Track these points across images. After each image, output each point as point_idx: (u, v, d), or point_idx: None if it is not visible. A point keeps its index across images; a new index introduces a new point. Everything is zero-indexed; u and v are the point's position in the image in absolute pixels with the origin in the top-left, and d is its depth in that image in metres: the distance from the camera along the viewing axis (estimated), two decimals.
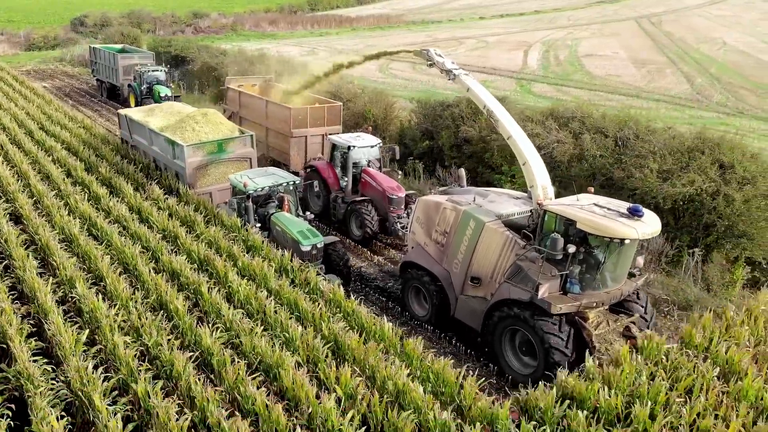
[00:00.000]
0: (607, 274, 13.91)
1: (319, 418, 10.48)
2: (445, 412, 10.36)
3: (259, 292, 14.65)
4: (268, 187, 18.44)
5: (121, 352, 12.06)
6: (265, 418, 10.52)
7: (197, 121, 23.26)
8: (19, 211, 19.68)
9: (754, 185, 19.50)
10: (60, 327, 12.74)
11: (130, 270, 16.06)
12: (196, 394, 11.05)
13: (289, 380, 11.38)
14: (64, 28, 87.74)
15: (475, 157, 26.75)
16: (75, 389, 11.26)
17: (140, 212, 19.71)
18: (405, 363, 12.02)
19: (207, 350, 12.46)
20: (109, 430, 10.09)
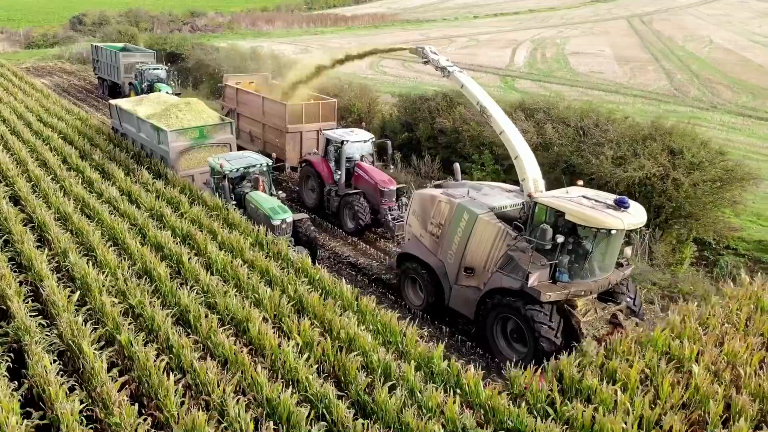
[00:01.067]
0: (594, 263, 14.41)
1: (280, 361, 12.06)
2: (387, 354, 11.95)
3: (235, 261, 16.23)
4: (242, 168, 20.27)
5: (108, 309, 13.65)
6: (232, 361, 12.11)
7: (180, 109, 25.33)
8: (18, 193, 21.24)
9: (702, 170, 21.03)
10: (54, 289, 14.34)
11: (119, 244, 17.63)
12: (173, 342, 12.65)
13: (255, 331, 13.00)
14: (63, 26, 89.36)
15: (449, 147, 28.30)
16: (66, 339, 12.83)
17: (130, 195, 21.30)
18: (358, 317, 13.62)
19: (185, 308, 14.07)
20: (95, 370, 11.64)
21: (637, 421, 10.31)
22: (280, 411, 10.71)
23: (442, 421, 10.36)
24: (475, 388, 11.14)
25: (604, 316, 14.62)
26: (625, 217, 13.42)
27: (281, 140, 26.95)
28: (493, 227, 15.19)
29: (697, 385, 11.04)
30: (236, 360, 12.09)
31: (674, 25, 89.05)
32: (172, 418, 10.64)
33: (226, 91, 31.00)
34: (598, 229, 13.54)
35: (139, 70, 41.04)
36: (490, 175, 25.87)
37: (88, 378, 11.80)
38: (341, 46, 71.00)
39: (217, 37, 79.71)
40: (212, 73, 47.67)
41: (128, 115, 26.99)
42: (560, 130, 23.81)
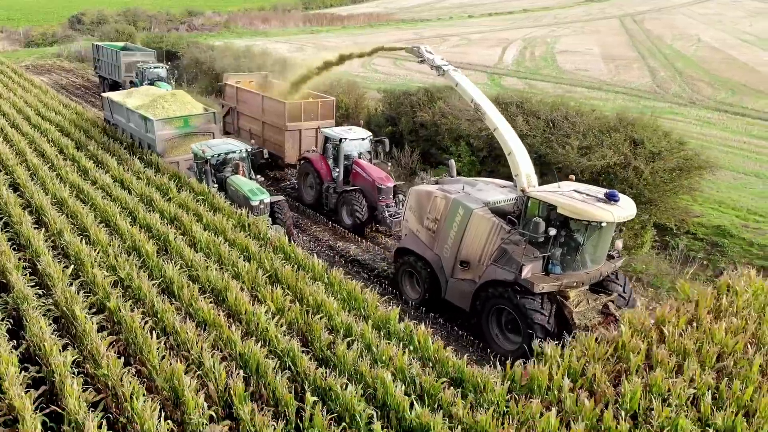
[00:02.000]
0: (586, 255, 14.86)
1: (253, 323, 13.44)
2: (349, 316, 13.33)
3: (218, 240, 17.60)
4: (223, 154, 21.88)
5: (99, 280, 15.04)
6: (210, 323, 13.48)
7: (167, 100, 27.35)
8: (17, 181, 22.61)
9: (661, 159, 22.40)
10: (50, 263, 15.73)
11: (110, 225, 19.00)
12: (157, 308, 14.02)
13: (233, 298, 14.36)
14: (62, 25, 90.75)
15: (429, 140, 29.67)
16: (61, 306, 14.20)
17: (122, 182, 22.67)
18: (327, 287, 15.00)
19: (170, 280, 15.44)
20: (86, 331, 12.99)
21: (565, 371, 11.66)
22: (251, 364, 12.07)
23: (393, 370, 11.70)
24: (425, 343, 12.51)
25: (596, 307, 15.07)
26: (615, 210, 13.85)
27: (280, 138, 27.29)
28: (487, 221, 15.64)
29: (624, 342, 12.40)
30: (214, 322, 13.44)
31: (665, 24, 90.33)
32: (154, 369, 11.98)
33: (226, 90, 31.34)
34: (589, 222, 13.96)
35: (140, 69, 41.61)
36: (466, 166, 27.27)
37: (80, 338, 13.16)
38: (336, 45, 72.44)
39: (214, 36, 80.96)
40: (206, 70, 49.13)
41: (119, 106, 28.65)
42: (531, 123, 25.14)
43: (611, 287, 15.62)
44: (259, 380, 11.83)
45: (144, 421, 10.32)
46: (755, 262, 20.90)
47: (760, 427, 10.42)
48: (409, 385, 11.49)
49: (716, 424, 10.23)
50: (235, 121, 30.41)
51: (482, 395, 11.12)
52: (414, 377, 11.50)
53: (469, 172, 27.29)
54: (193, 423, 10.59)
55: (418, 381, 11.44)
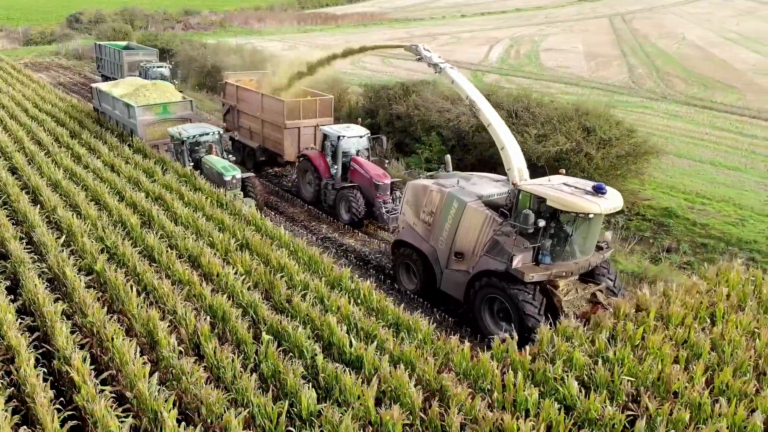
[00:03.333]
0: (575, 246, 15.35)
1: (223, 282, 15.36)
2: (306, 274, 15.27)
3: (196, 215, 19.52)
4: (197, 136, 24.31)
5: (88, 248, 16.95)
6: (184, 281, 15.39)
7: (148, 89, 30.07)
8: (15, 165, 24.52)
9: (611, 146, 24.33)
10: (44, 232, 17.64)
11: (100, 203, 20.89)
12: (139, 270, 15.92)
13: (206, 262, 16.27)
14: (61, 24, 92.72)
15: (404, 131, 31.60)
16: (53, 269, 16.11)
17: (113, 166, 24.58)
18: (291, 253, 16.94)
19: (151, 248, 17.34)
20: (75, 288, 14.88)
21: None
22: (218, 313, 13.98)
23: (339, 317, 13.62)
24: (369, 296, 14.44)
25: (585, 296, 15.54)
26: (602, 202, 14.28)
27: (279, 136, 27.65)
28: (480, 214, 16.12)
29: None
30: (188, 281, 15.36)
31: (653, 24, 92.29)
32: (134, 318, 13.88)
33: (227, 89, 31.73)
34: (578, 214, 14.40)
35: (143, 68, 42.06)
36: (437, 155, 29.18)
37: (69, 295, 15.04)
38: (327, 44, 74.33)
39: (209, 35, 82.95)
40: (199, 67, 51.08)
41: (106, 95, 31.28)
42: None
43: (600, 277, 16.07)
44: (224, 326, 13.74)
45: (123, 357, 12.18)
46: (696, 240, 22.85)
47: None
48: (352, 328, 13.40)
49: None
50: (235, 120, 30.88)
51: (413, 335, 13.03)
52: (356, 321, 13.40)
53: (439, 160, 29.21)
54: (165, 358, 12.46)
55: (360, 324, 13.35)
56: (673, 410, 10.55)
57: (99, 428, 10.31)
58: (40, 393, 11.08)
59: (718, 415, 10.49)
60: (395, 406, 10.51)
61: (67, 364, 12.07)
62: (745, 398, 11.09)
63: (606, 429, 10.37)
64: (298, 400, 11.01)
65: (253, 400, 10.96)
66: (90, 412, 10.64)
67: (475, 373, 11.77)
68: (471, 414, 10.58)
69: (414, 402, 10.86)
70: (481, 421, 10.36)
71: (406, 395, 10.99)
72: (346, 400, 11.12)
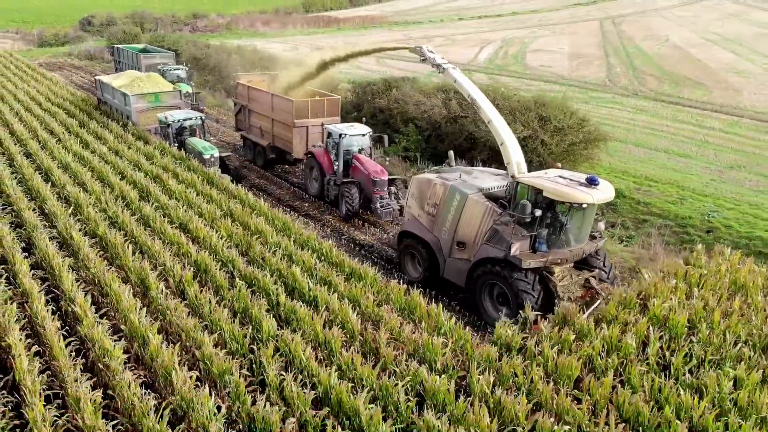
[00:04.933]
0: (570, 235, 15.87)
1: (207, 243, 17.57)
2: (279, 237, 17.51)
3: (188, 191, 21.75)
4: (182, 120, 27.42)
5: (92, 216, 19.19)
6: (174, 241, 17.62)
7: (143, 80, 33.47)
8: (29, 151, 26.81)
9: (564, 133, 26.47)
10: (54, 203, 19.92)
11: (104, 182, 23.14)
12: (137, 234, 18.16)
13: (194, 227, 18.50)
14: (73, 27, 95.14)
15: (386, 123, 33.76)
16: (62, 233, 18.37)
17: (117, 152, 26.87)
18: (266, 219, 19.17)
19: (147, 216, 19.58)
20: (80, 247, 17.11)
21: None
22: (201, 266, 16.20)
23: (302, 268, 15.84)
24: (330, 252, 16.69)
25: (579, 281, 16.14)
26: (595, 193, 14.86)
27: (288, 134, 28.03)
28: (481, 206, 16.67)
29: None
30: (177, 241, 17.60)
31: (641, 26, 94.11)
32: (128, 269, 16.11)
33: (238, 89, 32.16)
34: (572, 204, 15.02)
35: (161, 71, 41.91)
36: (413, 144, 31.36)
37: (75, 253, 17.29)
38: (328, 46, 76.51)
39: (215, 37, 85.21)
40: (203, 66, 53.33)
41: (106, 86, 34.59)
42: (463, 106, 29.19)
43: (593, 264, 16.63)
44: (206, 277, 15.97)
45: (119, 297, 14.40)
46: (639, 217, 24.95)
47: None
48: (313, 276, 15.61)
49: None
50: (246, 119, 31.33)
51: (363, 280, 15.25)
52: (317, 272, 15.64)
53: (416, 149, 31.43)
54: (155, 299, 14.66)
55: (319, 274, 15.58)
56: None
57: (98, 348, 12.48)
58: (49, 322, 13.29)
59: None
60: (335, 327, 12.72)
61: (71, 303, 14.30)
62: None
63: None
64: (261, 327, 13.22)
65: (224, 327, 13.19)
66: (91, 337, 12.83)
67: (408, 307, 13.98)
68: (398, 335, 12.79)
69: (354, 326, 13.07)
70: (405, 339, 12.56)
71: (348, 322, 13.20)
72: (301, 327, 13.32)
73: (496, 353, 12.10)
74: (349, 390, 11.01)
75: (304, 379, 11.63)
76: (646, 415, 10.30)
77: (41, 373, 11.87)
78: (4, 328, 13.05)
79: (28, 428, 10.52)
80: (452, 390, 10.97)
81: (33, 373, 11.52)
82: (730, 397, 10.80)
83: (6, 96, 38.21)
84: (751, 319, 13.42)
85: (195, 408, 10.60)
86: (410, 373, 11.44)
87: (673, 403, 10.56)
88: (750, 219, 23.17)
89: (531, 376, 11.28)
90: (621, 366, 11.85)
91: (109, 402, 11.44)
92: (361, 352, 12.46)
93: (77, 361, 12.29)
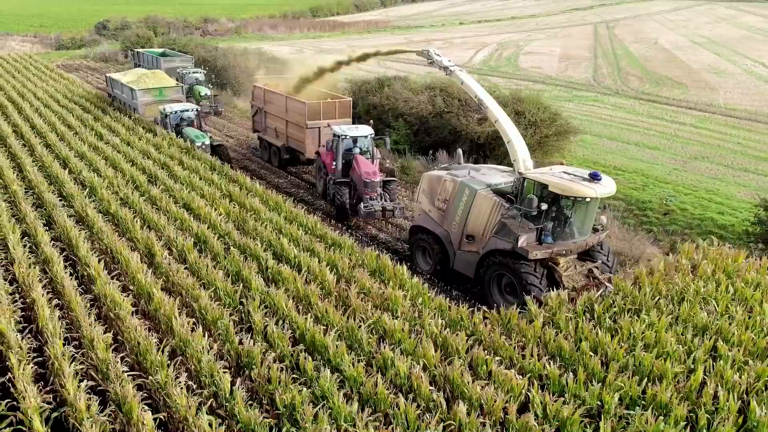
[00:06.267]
0: (574, 227, 16.21)
1: (210, 223, 19.32)
2: (272, 214, 19.26)
3: (192, 176, 23.52)
4: (179, 112, 30.01)
5: (105, 197, 20.99)
6: (178, 217, 19.38)
7: (148, 77, 36.32)
8: (48, 142, 28.64)
9: (538, 127, 28.09)
10: (72, 187, 21.73)
11: (116, 168, 24.94)
12: (145, 212, 19.93)
13: (196, 206, 20.26)
14: (89, 30, 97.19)
15: (379, 118, 35.44)
16: (78, 211, 20.16)
17: (129, 143, 28.68)
18: (261, 200, 20.93)
19: (154, 197, 21.36)
20: (94, 222, 18.90)
21: None
22: (201, 237, 17.95)
23: (290, 239, 17.58)
24: (315, 226, 18.46)
25: (582, 272, 16.46)
26: (597, 188, 15.15)
27: (301, 135, 28.11)
28: (489, 200, 16.95)
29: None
30: (180, 217, 19.37)
31: (633, 30, 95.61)
32: (137, 240, 17.87)
33: (255, 92, 32.20)
34: (576, 198, 15.38)
35: (180, 74, 42.70)
36: (403, 137, 33.02)
37: (90, 227, 19.07)
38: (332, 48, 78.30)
39: (224, 40, 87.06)
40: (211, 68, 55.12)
41: (116, 82, 37.85)
42: (448, 102, 30.87)
43: (596, 255, 16.96)
44: (205, 247, 17.71)
45: (128, 262, 16.16)
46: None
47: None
48: (299, 245, 17.34)
49: None
50: (262, 120, 31.43)
51: (342, 250, 17.00)
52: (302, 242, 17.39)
53: (405, 142, 33.08)
54: (161, 265, 16.38)
55: (303, 243, 17.32)
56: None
57: (109, 301, 14.21)
58: (68, 281, 15.08)
59: None
60: (314, 284, 14.47)
61: (87, 267, 16.07)
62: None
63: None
64: (251, 285, 14.97)
65: (218, 285, 14.94)
66: (103, 293, 14.58)
67: (378, 269, 15.73)
68: (368, 291, 14.53)
69: (330, 284, 14.82)
70: (373, 294, 14.29)
71: (325, 280, 14.95)
72: (285, 284, 15.04)
73: (447, 304, 13.81)
74: (321, 331, 12.73)
75: (285, 325, 13.36)
76: (567, 350, 11.97)
77: (60, 320, 13.62)
78: (29, 285, 14.81)
79: (50, 362, 12.23)
80: (407, 330, 12.67)
81: (54, 320, 13.24)
82: (642, 336, 12.46)
83: (26, 94, 40.21)
84: (673, 277, 15.09)
85: (190, 345, 12.31)
86: (374, 318, 13.16)
87: (591, 340, 12.24)
88: (704, 203, 24.77)
89: (474, 320, 12.98)
90: (550, 313, 13.54)
91: (118, 346, 13.17)
92: (335, 305, 14.17)
93: (92, 311, 14.02)
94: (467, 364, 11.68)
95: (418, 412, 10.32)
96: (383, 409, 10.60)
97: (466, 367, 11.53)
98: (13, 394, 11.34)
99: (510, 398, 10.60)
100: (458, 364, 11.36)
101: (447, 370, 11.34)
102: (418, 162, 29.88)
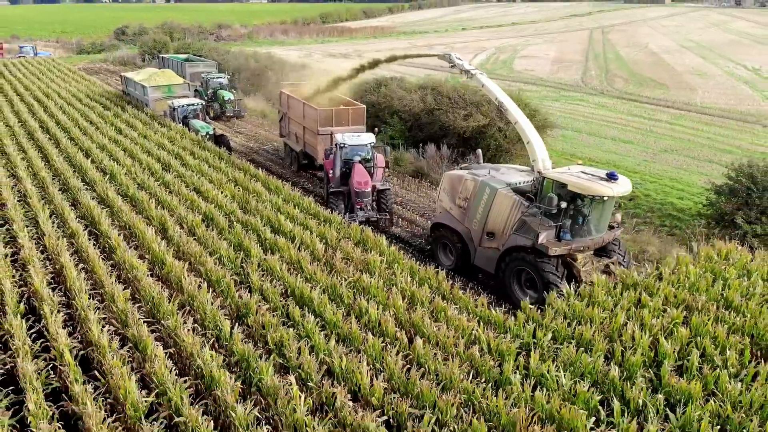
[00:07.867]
0: (591, 225, 16.24)
1: (217, 203, 21.11)
2: (272, 196, 21.04)
3: (202, 164, 25.34)
4: (186, 105, 32.38)
5: (124, 182, 22.82)
6: (189, 200, 21.19)
7: (159, 75, 39.24)
8: (72, 136, 30.53)
9: None
10: (94, 173, 23.57)
11: (134, 158, 26.77)
12: (159, 194, 21.74)
13: (205, 190, 22.07)
14: (109, 36, 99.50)
15: (377, 116, 37.19)
16: (100, 193, 21.99)
17: (145, 137, 30.55)
18: (264, 184, 22.71)
19: (167, 183, 23.18)
20: (114, 202, 20.72)
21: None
22: (208, 215, 19.75)
23: (287, 216, 19.34)
24: (310, 205, 20.24)
25: (599, 267, 16.53)
26: (614, 187, 15.18)
27: (314, 141, 27.73)
28: (509, 199, 17.00)
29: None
30: (190, 198, 21.18)
31: (626, 35, 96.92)
32: (151, 217, 19.66)
33: (281, 97, 31.88)
34: (594, 197, 15.40)
35: (205, 79, 42.59)
36: (398, 132, 34.74)
37: (110, 206, 20.90)
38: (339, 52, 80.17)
39: (237, 45, 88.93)
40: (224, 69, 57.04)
41: (130, 80, 41.41)
42: (438, 99, 32.57)
43: (612, 252, 17.04)
44: (212, 223, 19.49)
45: (144, 235, 17.95)
46: None
47: None
48: (295, 222, 19.12)
49: None
50: (286, 126, 31.10)
51: (331, 224, 18.76)
52: (298, 218, 19.17)
53: (399, 138, 34.79)
54: (174, 238, 18.15)
55: (298, 219, 19.10)
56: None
57: (127, 265, 15.99)
58: (92, 250, 16.88)
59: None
60: (305, 252, 16.24)
61: (108, 238, 17.88)
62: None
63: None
64: (250, 253, 16.74)
65: (222, 252, 16.71)
66: (123, 259, 16.36)
67: (362, 240, 17.49)
68: (350, 256, 16.28)
69: (319, 252, 16.58)
70: (354, 258, 16.05)
71: (315, 249, 16.72)
72: (280, 252, 16.80)
73: (417, 266, 15.57)
74: (309, 289, 14.48)
75: (278, 284, 15.12)
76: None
77: (86, 281, 15.41)
78: (58, 253, 16.62)
79: (77, 313, 14.01)
80: (381, 286, 14.42)
81: (80, 279, 15.03)
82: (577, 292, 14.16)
83: (51, 93, 42.25)
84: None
85: (197, 299, 14.07)
86: (355, 278, 14.92)
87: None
88: (667, 189, 26.37)
89: (438, 279, 14.73)
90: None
91: (135, 303, 14.92)
92: (322, 269, 15.92)
93: (112, 273, 15.81)
94: (429, 312, 13.41)
95: (384, 345, 12.06)
96: (356, 345, 12.34)
97: (428, 314, 13.26)
98: (47, 337, 13.10)
99: (460, 335, 12.31)
100: (421, 312, 13.09)
101: (412, 317, 13.07)
102: (410, 154, 31.48)
